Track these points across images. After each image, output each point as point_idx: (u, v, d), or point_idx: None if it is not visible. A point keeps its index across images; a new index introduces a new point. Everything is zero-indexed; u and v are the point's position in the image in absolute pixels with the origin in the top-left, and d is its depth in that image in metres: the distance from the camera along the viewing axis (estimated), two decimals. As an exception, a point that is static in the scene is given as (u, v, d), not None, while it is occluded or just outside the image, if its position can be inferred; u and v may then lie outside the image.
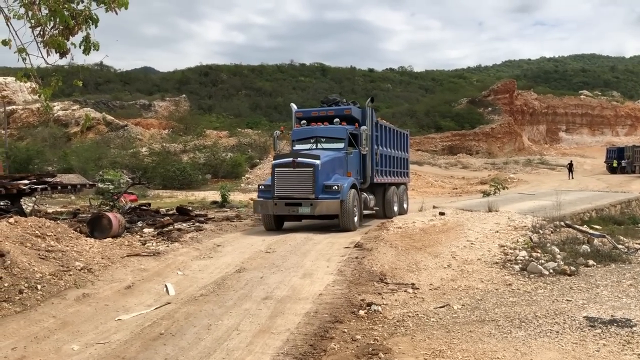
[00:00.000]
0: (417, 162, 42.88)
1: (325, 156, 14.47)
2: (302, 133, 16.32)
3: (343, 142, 15.43)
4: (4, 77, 61.31)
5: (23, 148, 36.57)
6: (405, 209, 19.70)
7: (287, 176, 14.27)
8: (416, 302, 7.84)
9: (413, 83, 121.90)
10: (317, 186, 13.92)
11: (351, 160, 15.49)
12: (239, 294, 8.42)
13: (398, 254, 10.44)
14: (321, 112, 16.86)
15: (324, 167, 14.13)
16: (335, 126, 15.75)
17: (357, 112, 16.46)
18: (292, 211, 14.22)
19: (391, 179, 18.41)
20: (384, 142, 17.81)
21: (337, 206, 13.96)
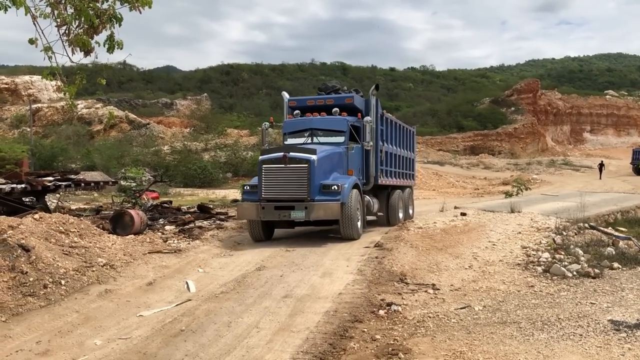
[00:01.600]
0: (438, 162, 42.67)
1: (322, 151, 12.49)
2: (296, 125, 14.21)
3: (343, 136, 13.46)
4: (30, 76, 62.38)
5: (48, 145, 37.18)
6: (411, 215, 17.66)
7: (277, 174, 12.17)
8: (437, 302, 7.79)
9: (435, 82, 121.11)
10: (312, 186, 11.90)
11: (353, 156, 13.54)
12: (259, 292, 8.45)
13: (419, 254, 10.37)
14: (318, 100, 14.69)
15: (321, 164, 12.12)
16: (335, 117, 13.71)
17: (360, 102, 14.52)
18: (283, 216, 11.94)
19: (397, 180, 16.54)
20: (389, 139, 15.84)
21: (337, 210, 11.88)
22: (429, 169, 35.61)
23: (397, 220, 15.67)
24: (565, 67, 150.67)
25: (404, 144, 17.67)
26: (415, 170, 19.92)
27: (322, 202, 11.84)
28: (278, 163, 12.08)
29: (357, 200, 12.52)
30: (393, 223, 15.30)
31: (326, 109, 13.97)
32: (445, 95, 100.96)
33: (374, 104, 14.32)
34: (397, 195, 16.13)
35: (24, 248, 9.05)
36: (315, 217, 11.83)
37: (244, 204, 12.71)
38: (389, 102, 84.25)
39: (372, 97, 14.35)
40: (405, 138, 17.88)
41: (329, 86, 15.84)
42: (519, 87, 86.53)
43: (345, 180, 12.39)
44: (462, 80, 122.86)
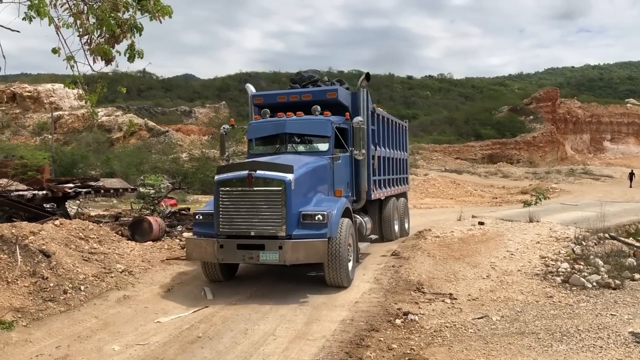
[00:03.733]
0: (456, 171, 42.45)
1: (301, 166, 9.19)
2: (264, 129, 10.95)
3: (327, 142, 10.38)
4: (52, 84, 63.41)
5: (68, 152, 37.64)
6: (407, 229, 15.35)
7: (239, 201, 8.69)
8: (454, 312, 7.74)
9: (452, 90, 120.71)
10: (289, 216, 8.48)
11: (339, 169, 10.52)
12: (275, 300, 8.47)
13: (436, 264, 10.32)
14: (291, 96, 11.46)
15: (300, 185, 8.81)
16: (315, 118, 10.52)
17: (346, 96, 11.46)
18: (249, 258, 8.62)
19: (391, 190, 14.02)
20: (382, 140, 13.21)
21: (323, 249, 8.45)
22: (446, 177, 35.43)
23: (392, 235, 13.73)
24: (585, 75, 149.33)
25: (397, 144, 15.18)
26: (409, 173, 17.61)
27: (303, 239, 8.47)
28: (241, 185, 8.63)
29: (349, 232, 9.27)
30: (388, 238, 13.52)
31: (303, 107, 10.81)
32: (463, 104, 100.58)
33: (364, 98, 11.51)
34: (391, 206, 13.82)
35: (44, 254, 9.19)
36: (293, 260, 8.37)
37: (194, 240, 9.11)
38: (406, 110, 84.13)
39: (361, 90, 11.50)
40: (398, 136, 15.36)
41: (304, 76, 12.23)
42: (537, 96, 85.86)
43: (332, 204, 9.15)
44: (480, 88, 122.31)
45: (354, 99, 11.60)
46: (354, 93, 11.68)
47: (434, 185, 31.61)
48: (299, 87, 11.98)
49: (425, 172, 38.20)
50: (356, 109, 11.42)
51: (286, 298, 8.56)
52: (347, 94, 11.61)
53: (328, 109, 10.69)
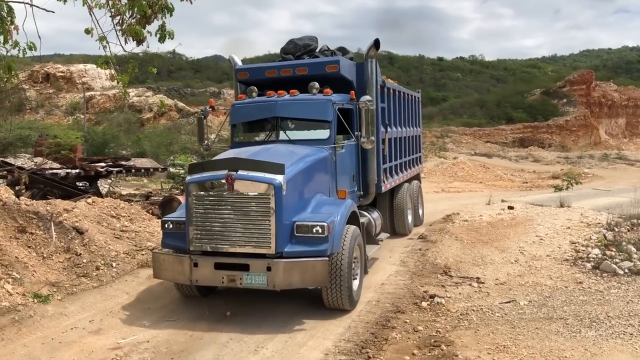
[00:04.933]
0: (486, 155, 41.90)
1: (296, 162, 7.38)
2: (250, 112, 9.00)
3: (328, 128, 8.47)
4: (84, 64, 64.32)
5: (100, 132, 38.23)
6: (421, 217, 13.81)
7: (216, 208, 6.84)
8: (481, 296, 7.70)
9: (484, 72, 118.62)
10: (279, 228, 6.64)
11: (343, 160, 8.65)
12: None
13: (463, 247, 10.26)
14: (283, 70, 9.41)
15: (294, 187, 7.02)
16: (313, 97, 8.61)
17: (350, 69, 9.58)
18: (230, 281, 6.74)
19: (404, 175, 12.24)
20: (394, 118, 11.42)
21: (323, 271, 6.67)
22: (476, 161, 34.97)
23: (405, 227, 11.98)
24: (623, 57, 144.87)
25: (410, 119, 13.21)
26: (422, 151, 15.38)
27: (298, 257, 6.65)
28: (218, 189, 6.81)
29: (355, 243, 7.33)
30: (400, 231, 11.84)
31: (298, 83, 8.84)
32: (494, 86, 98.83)
33: (373, 70, 9.67)
34: (404, 194, 11.97)
35: (78, 231, 9.44)
36: (285, 285, 6.61)
37: (162, 256, 7.24)
38: (435, 92, 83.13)
39: (369, 62, 9.63)
40: (411, 110, 13.34)
41: (298, 45, 9.96)
42: (571, 78, 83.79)
43: (334, 210, 7.26)
44: (512, 70, 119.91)
45: (360, 72, 9.69)
46: (360, 65, 9.73)
47: (463, 168, 31.24)
48: (293, 59, 9.78)
49: (455, 156, 37.74)
50: (363, 84, 9.59)
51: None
52: (352, 66, 9.68)
53: (329, 85, 8.73)
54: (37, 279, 7.97)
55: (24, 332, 6.57)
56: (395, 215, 11.76)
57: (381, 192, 10.23)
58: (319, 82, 8.73)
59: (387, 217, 11.42)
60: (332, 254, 6.84)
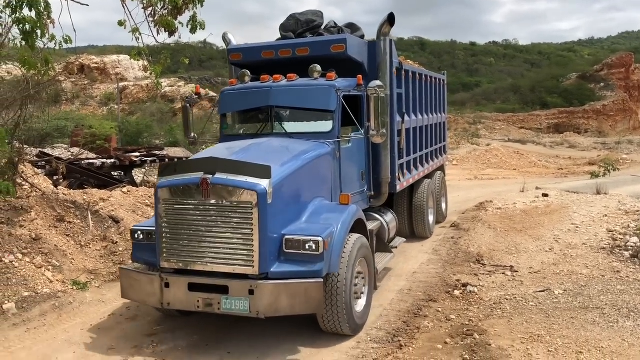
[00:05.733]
0: (520, 141, 41.18)
1: (288, 161, 6.38)
2: (241, 100, 7.79)
3: (330, 120, 7.21)
4: (117, 56, 65.32)
5: (134, 122, 38.83)
6: (444, 212, 12.48)
7: (190, 218, 5.78)
8: (514, 285, 7.62)
9: (518, 57, 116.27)
10: (265, 244, 5.56)
11: (350, 156, 7.47)
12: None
13: (497, 236, 10.15)
14: (281, 50, 8.08)
15: (283, 193, 5.90)
16: (313, 82, 7.37)
17: (360, 49, 8.17)
18: (206, 305, 5.67)
19: (424, 169, 10.88)
20: (413, 105, 10.04)
21: (316, 295, 5.58)
22: (509, 147, 34.41)
23: (426, 228, 10.57)
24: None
25: (433, 105, 11.75)
26: (447, 139, 13.85)
27: (286, 279, 5.58)
28: (192, 195, 5.74)
29: (359, 258, 6.25)
30: (420, 234, 10.56)
31: (299, 66, 7.56)
32: (528, 71, 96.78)
33: (387, 50, 8.27)
34: (424, 190, 10.57)
35: (114, 219, 9.65)
36: (271, 311, 5.53)
37: (130, 274, 6.17)
38: (468, 77, 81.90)
39: (382, 41, 8.23)
40: (434, 95, 11.87)
41: (300, 21, 8.57)
42: (609, 62, 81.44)
43: (333, 219, 6.11)
44: (547, 54, 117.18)
45: (372, 53, 8.29)
46: (372, 44, 8.32)
47: (497, 155, 30.78)
48: (293, 37, 8.44)
49: (488, 142, 37.19)
50: (375, 67, 8.23)
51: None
52: (362, 46, 8.26)
53: (336, 68, 7.50)
54: (75, 266, 8.20)
55: (64, 318, 6.78)
56: (415, 216, 10.39)
57: (396, 191, 8.85)
58: (324, 64, 7.42)
59: (406, 218, 10.30)
60: (329, 275, 5.75)
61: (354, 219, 6.34)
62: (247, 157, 6.06)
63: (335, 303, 5.83)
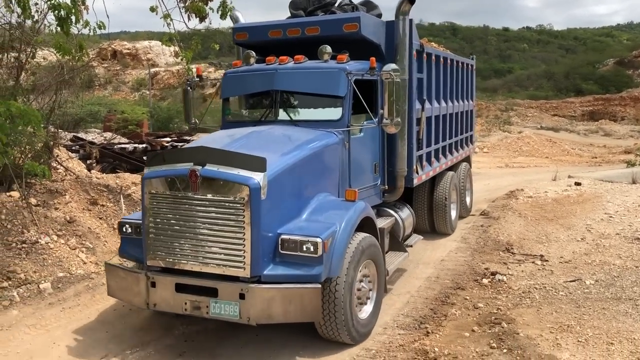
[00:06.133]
0: (552, 129, 40.39)
1: (288, 152, 5.83)
2: (244, 83, 7.27)
3: (340, 107, 6.61)
4: (149, 41, 66.01)
5: (165, 108, 39.31)
6: (468, 206, 11.67)
7: (177, 213, 5.33)
8: (544, 274, 7.53)
9: (552, 43, 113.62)
10: (257, 244, 5.08)
11: (361, 147, 6.89)
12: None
13: (527, 224, 10.02)
14: (289, 29, 7.45)
15: (279, 188, 5.40)
16: (321, 65, 6.80)
17: (376, 29, 7.50)
18: (194, 308, 5.23)
19: (447, 161, 10.12)
20: (436, 91, 9.29)
21: (313, 302, 5.16)
22: (542, 135, 33.72)
23: (447, 224, 9.81)
24: None
25: (459, 92, 10.93)
26: (474, 128, 12.93)
27: (280, 283, 5.12)
28: (180, 188, 5.27)
29: (364, 260, 5.73)
30: (441, 230, 9.85)
31: (309, 47, 6.98)
32: (563, 57, 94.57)
33: (405, 31, 7.52)
34: (447, 184, 9.82)
35: (145, 203, 9.80)
36: (263, 318, 5.08)
37: (116, 271, 5.80)
38: (500, 63, 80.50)
39: (400, 20, 7.50)
40: (461, 81, 11.04)
41: None
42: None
43: (337, 218, 5.55)
44: (583, 40, 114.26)
45: (390, 34, 7.57)
46: (390, 24, 7.59)
47: (529, 143, 30.21)
48: (304, 16, 7.86)
49: (520, 130, 36.55)
50: (393, 50, 7.53)
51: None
52: (378, 26, 7.56)
53: (349, 49, 6.91)
54: (108, 248, 8.39)
55: (98, 298, 6.95)
56: (436, 212, 9.65)
57: (413, 185, 8.19)
58: (337, 45, 6.86)
59: (426, 214, 9.62)
60: (330, 279, 5.24)
61: (361, 217, 5.78)
62: (244, 146, 5.56)
63: (334, 311, 5.31)
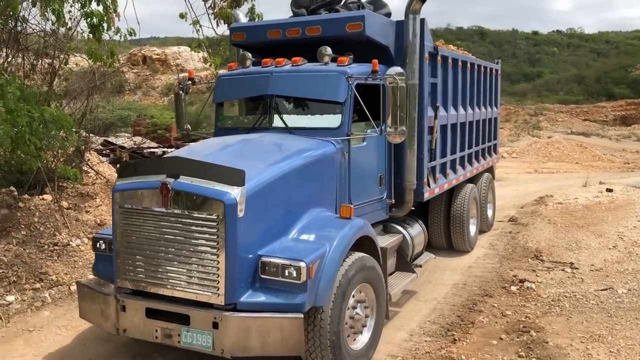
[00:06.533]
0: (583, 134, 39.61)
1: (274, 163, 5.16)
2: (238, 87, 6.64)
3: (339, 114, 5.96)
4: (178, 47, 66.94)
5: (193, 112, 39.82)
6: (490, 220, 10.84)
7: (147, 230, 4.75)
8: (574, 282, 7.39)
9: (583, 46, 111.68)
10: (233, 266, 4.47)
11: (363, 158, 6.24)
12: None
13: (556, 231, 9.86)
14: (289, 29, 6.75)
15: (261, 204, 4.76)
16: (318, 68, 6.17)
17: (384, 30, 6.78)
18: (165, 336, 4.66)
19: (465, 172, 9.25)
20: (453, 96, 8.52)
21: (294, 334, 4.47)
22: (572, 140, 33.15)
23: (465, 241, 8.97)
24: None
25: (481, 97, 10.07)
26: (498, 137, 11.96)
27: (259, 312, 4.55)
28: (152, 202, 4.71)
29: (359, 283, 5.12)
30: (459, 247, 9.01)
31: (310, 48, 6.24)
32: (594, 61, 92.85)
33: (416, 32, 6.74)
34: (465, 197, 8.97)
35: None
36: (239, 350, 4.50)
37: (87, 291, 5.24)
38: (530, 67, 79.47)
39: (410, 20, 6.71)
40: (484, 86, 10.20)
41: None
42: (684, 50, 77.27)
43: (327, 238, 4.93)
44: (615, 43, 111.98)
45: (400, 35, 6.84)
46: (400, 24, 6.86)
47: (558, 148, 29.75)
48: (306, 15, 7.21)
49: (549, 135, 35.98)
50: (402, 51, 6.79)
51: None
52: (387, 26, 6.83)
53: (354, 52, 6.31)
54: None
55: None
56: (453, 227, 8.87)
57: (423, 199, 7.38)
58: (341, 47, 6.29)
59: (442, 229, 8.85)
60: (315, 308, 4.60)
61: (356, 237, 5.13)
62: (226, 157, 5.03)
63: (319, 343, 4.66)
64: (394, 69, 5.97)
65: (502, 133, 34.38)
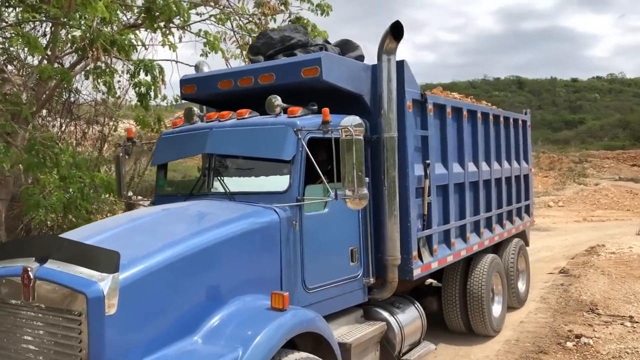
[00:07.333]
0: (632, 179, 38.46)
1: (174, 243, 3.89)
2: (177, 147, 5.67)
3: (287, 175, 4.79)
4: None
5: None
6: (522, 296, 9.03)
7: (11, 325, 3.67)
8: (635, 337, 7.04)
9: (625, 91, 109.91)
10: None
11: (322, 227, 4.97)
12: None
13: (612, 282, 9.48)
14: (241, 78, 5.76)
15: (146, 297, 3.54)
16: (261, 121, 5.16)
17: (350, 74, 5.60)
18: None
19: (481, 240, 7.67)
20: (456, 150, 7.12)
21: None
22: (621, 186, 32.19)
23: (486, 323, 7.31)
24: None
25: (505, 151, 8.69)
26: (531, 196, 10.27)
27: None
28: (15, 293, 3.67)
29: None
30: (479, 330, 7.38)
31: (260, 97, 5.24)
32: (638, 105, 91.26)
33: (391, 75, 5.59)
34: (484, 268, 7.42)
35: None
36: None
37: None
38: (571, 115, 78.41)
39: (383, 61, 5.57)
40: (506, 139, 8.84)
41: (273, 39, 6.26)
42: None
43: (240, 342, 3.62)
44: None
45: (374, 77, 5.70)
46: (374, 67, 5.74)
47: (607, 195, 28.88)
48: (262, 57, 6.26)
49: (596, 182, 35.07)
50: (377, 99, 5.63)
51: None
52: (356, 70, 5.73)
53: (319, 101, 5.17)
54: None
55: None
56: (470, 306, 7.27)
57: (412, 278, 5.88)
58: (304, 98, 5.24)
59: (458, 309, 7.30)
60: None
61: (291, 333, 3.92)
62: (121, 235, 4.12)
63: None
64: (349, 118, 5.03)
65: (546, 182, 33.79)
